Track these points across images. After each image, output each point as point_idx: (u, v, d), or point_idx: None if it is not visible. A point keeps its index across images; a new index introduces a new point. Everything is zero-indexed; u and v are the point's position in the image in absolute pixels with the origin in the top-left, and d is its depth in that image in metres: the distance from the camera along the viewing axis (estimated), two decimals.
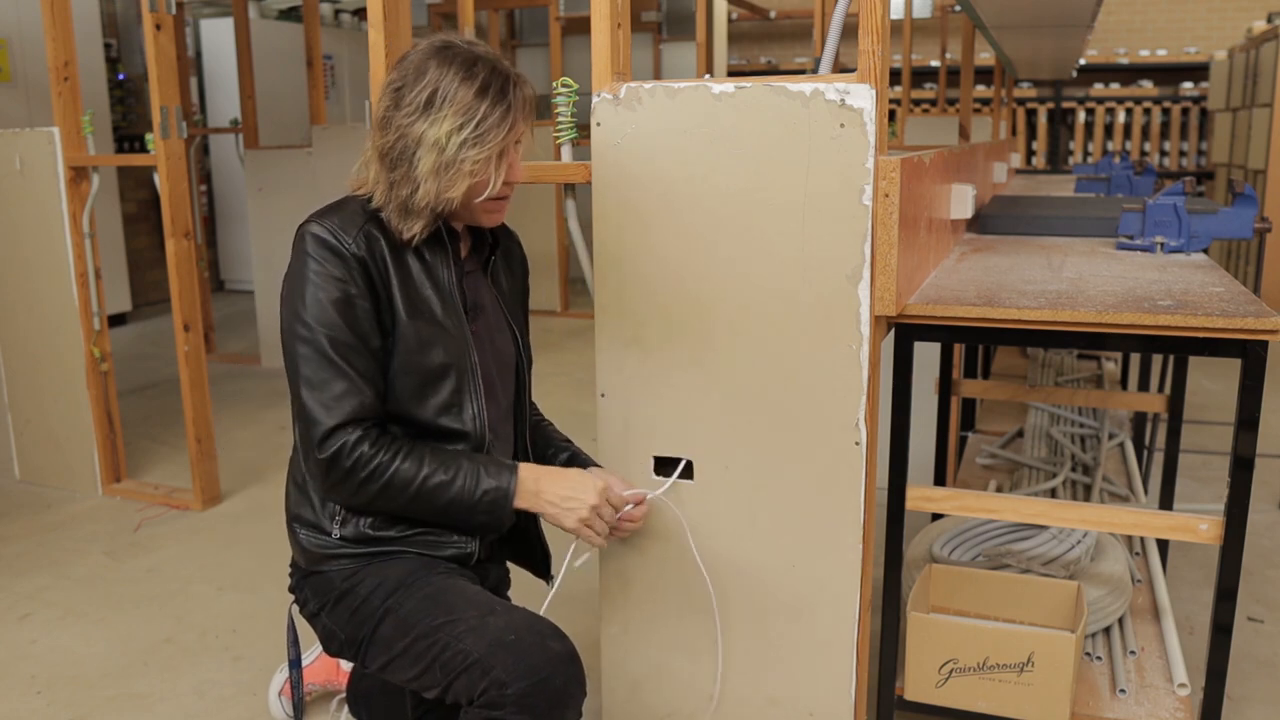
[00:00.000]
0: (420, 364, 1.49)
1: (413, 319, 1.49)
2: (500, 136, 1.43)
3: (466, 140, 1.41)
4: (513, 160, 1.49)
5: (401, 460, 1.43)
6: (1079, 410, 3.36)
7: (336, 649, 1.57)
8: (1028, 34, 3.58)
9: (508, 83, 1.45)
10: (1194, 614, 2.54)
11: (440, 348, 1.51)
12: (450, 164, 1.42)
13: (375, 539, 1.53)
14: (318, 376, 1.42)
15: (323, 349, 1.42)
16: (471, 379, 1.54)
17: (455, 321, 1.53)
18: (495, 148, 1.43)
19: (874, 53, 1.44)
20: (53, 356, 3.44)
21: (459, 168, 1.42)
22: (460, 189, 1.44)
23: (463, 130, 1.41)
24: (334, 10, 8.01)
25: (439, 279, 1.53)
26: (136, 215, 7.07)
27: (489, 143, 1.42)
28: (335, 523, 1.53)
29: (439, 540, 1.55)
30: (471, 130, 1.41)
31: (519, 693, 1.35)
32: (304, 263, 1.44)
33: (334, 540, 1.54)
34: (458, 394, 1.53)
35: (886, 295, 1.49)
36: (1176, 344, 1.51)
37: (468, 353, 1.54)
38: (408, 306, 1.49)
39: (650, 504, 1.64)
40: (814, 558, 1.60)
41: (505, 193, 1.52)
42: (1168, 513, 1.58)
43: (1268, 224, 2.20)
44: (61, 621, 2.59)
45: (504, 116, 1.43)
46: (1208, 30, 8.14)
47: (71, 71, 3.25)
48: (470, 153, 1.42)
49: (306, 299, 1.43)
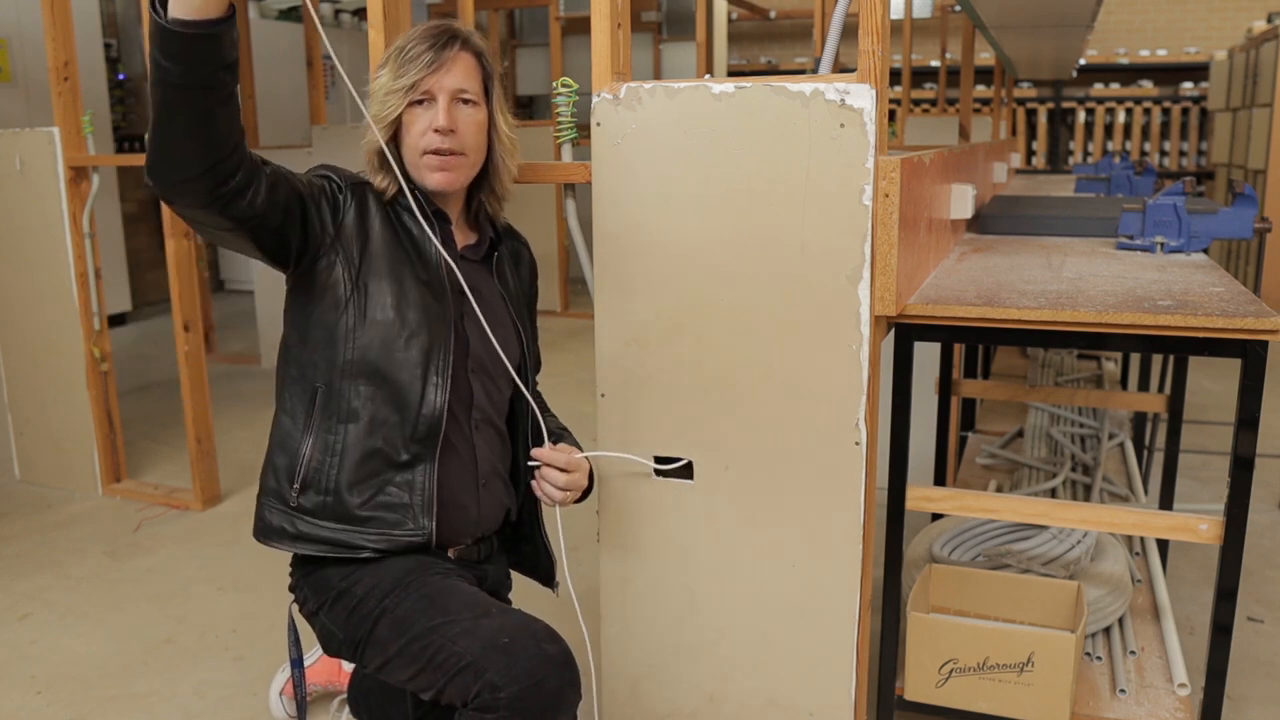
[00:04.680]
0: (394, 320, 1.51)
1: (394, 279, 1.52)
2: (417, 70, 1.48)
3: (389, 74, 1.49)
4: (446, 109, 1.50)
5: None
6: (1079, 410, 3.36)
7: (335, 648, 1.57)
8: (1028, 34, 3.58)
9: (451, 35, 1.51)
10: (1194, 614, 2.54)
11: (417, 309, 1.52)
12: (380, 101, 1.50)
13: (335, 512, 1.52)
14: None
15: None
16: (442, 349, 1.54)
17: (435, 293, 1.55)
18: (410, 79, 1.48)
19: (874, 53, 1.44)
20: (53, 356, 3.44)
21: (383, 102, 1.50)
22: (382, 123, 1.50)
23: (389, 65, 1.50)
24: (334, 10, 8.01)
25: (423, 247, 1.56)
26: (136, 215, 7.08)
27: (405, 75, 1.48)
28: (294, 490, 1.53)
29: (398, 522, 1.53)
30: (395, 64, 1.49)
31: (512, 696, 1.35)
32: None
33: (292, 509, 1.53)
34: (425, 356, 1.53)
35: (886, 295, 1.49)
36: (1176, 344, 1.51)
37: (445, 323, 1.54)
38: (390, 265, 1.53)
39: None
40: (814, 557, 1.60)
41: (437, 143, 1.51)
42: (1168, 513, 1.58)
43: (1268, 224, 2.20)
44: (61, 621, 2.59)
45: (427, 53, 1.49)
46: (1208, 30, 8.14)
47: (71, 71, 3.25)
48: (389, 83, 1.49)
49: None
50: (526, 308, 1.73)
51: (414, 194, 1.55)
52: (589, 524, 1.81)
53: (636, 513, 1.70)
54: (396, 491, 1.53)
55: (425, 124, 1.50)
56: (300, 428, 1.55)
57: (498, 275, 1.66)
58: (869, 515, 1.58)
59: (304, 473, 1.53)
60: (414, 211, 1.54)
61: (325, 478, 1.52)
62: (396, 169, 1.51)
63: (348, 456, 1.52)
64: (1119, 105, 8.25)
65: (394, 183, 1.53)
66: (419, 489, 1.54)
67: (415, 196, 1.55)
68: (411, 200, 1.53)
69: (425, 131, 1.50)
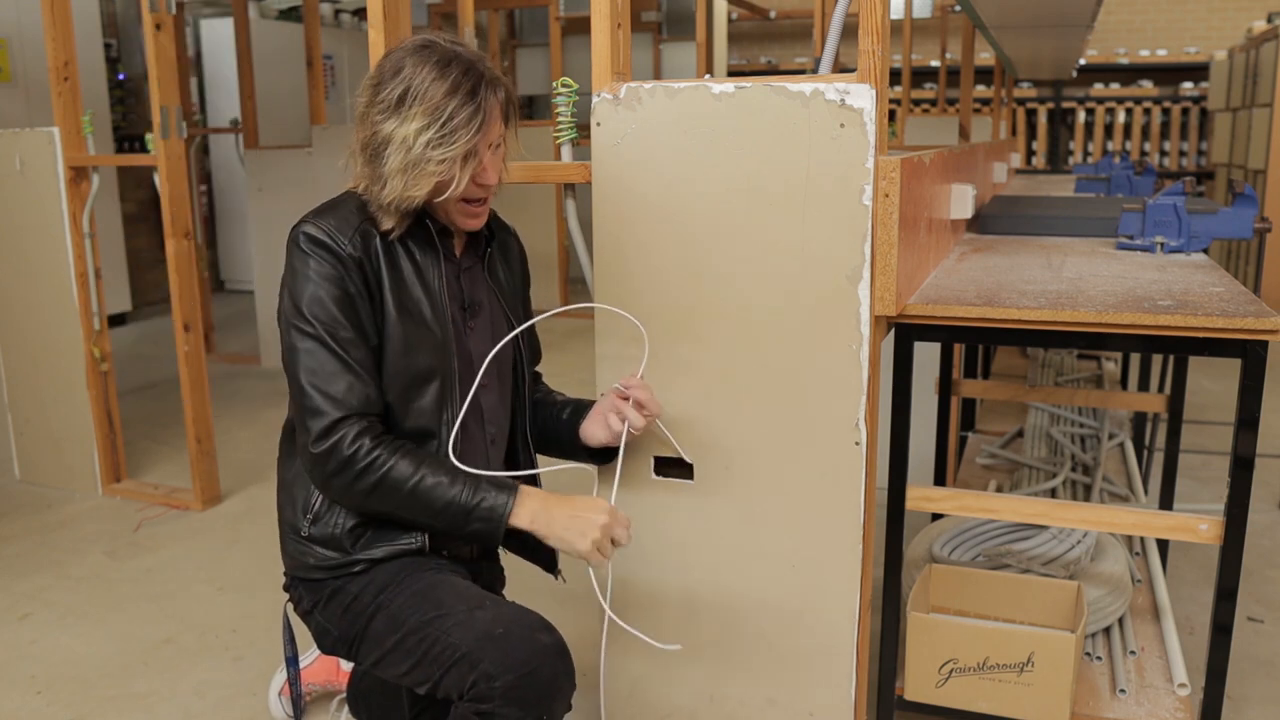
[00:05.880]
0: (407, 366, 1.49)
1: (402, 320, 1.49)
2: (468, 137, 1.41)
3: (432, 140, 1.40)
4: (487, 162, 1.47)
5: (401, 456, 1.43)
6: (1079, 410, 3.36)
7: (330, 646, 1.57)
8: (1028, 34, 3.58)
9: (481, 82, 1.43)
10: (1194, 614, 2.54)
11: (426, 350, 1.51)
12: (416, 163, 1.41)
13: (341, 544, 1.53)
14: (323, 369, 1.42)
15: (326, 342, 1.42)
16: (449, 384, 1.53)
17: (441, 325, 1.53)
18: (462, 148, 1.41)
19: (874, 53, 1.44)
20: (53, 356, 3.44)
21: (423, 168, 1.41)
22: (424, 188, 1.43)
23: (429, 129, 1.40)
24: (334, 10, 8.01)
25: (429, 281, 1.53)
26: (136, 215, 7.07)
27: (455, 143, 1.41)
28: (307, 521, 1.53)
29: (396, 537, 1.53)
30: (438, 130, 1.40)
31: (507, 685, 1.35)
32: (303, 262, 1.45)
33: (304, 538, 1.54)
34: (439, 399, 1.52)
35: (886, 295, 1.49)
36: (1176, 344, 1.51)
37: (449, 358, 1.53)
38: (398, 307, 1.49)
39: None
40: (814, 558, 1.60)
41: (479, 194, 1.50)
42: (1168, 513, 1.58)
43: (1268, 224, 2.20)
44: (61, 621, 2.59)
45: (472, 116, 1.41)
46: (1208, 30, 8.14)
47: (71, 71, 3.25)
48: (435, 153, 1.40)
49: (307, 296, 1.43)
50: (519, 299, 1.73)
51: (425, 222, 1.53)
52: None
53: (636, 513, 1.70)
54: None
55: (468, 178, 1.46)
56: None
57: (490, 273, 1.66)
58: (869, 515, 1.58)
59: (316, 507, 1.54)
60: (416, 235, 1.53)
61: (337, 512, 1.53)
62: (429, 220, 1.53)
63: None
64: (1119, 105, 8.25)
65: (402, 224, 1.49)
66: None
67: (442, 241, 1.54)
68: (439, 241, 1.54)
69: (468, 185, 1.47)
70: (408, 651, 1.45)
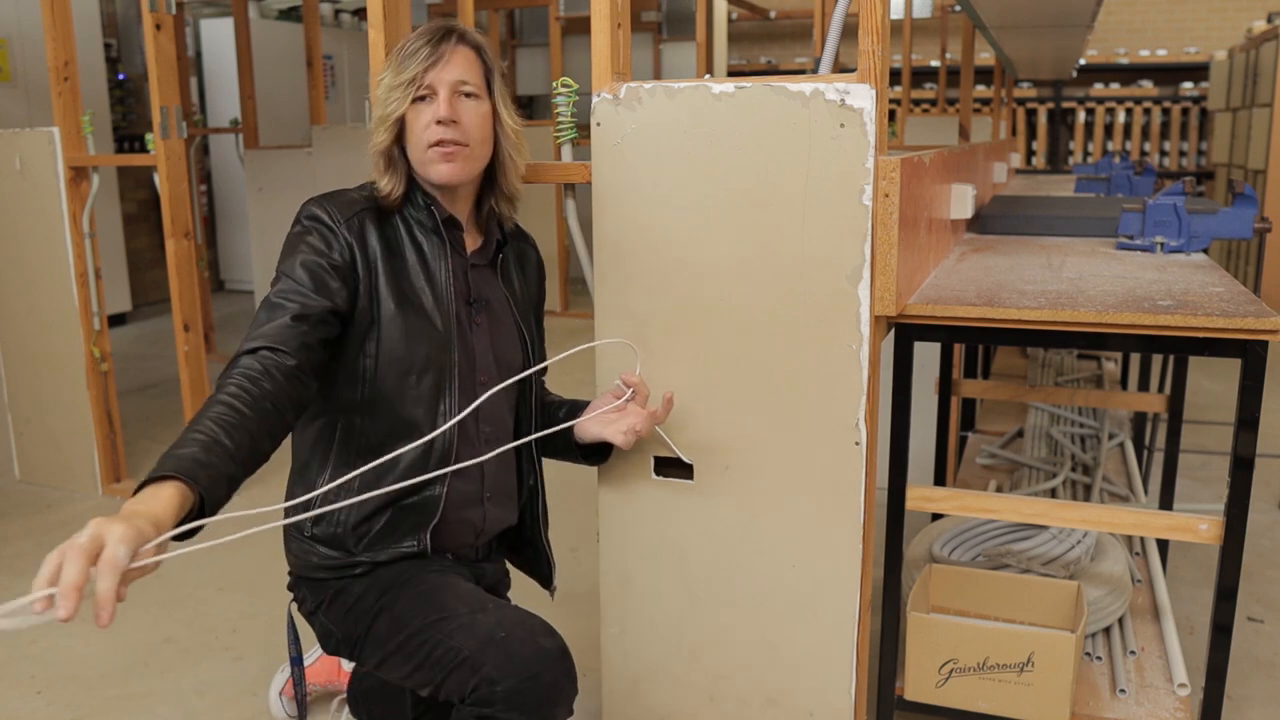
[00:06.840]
0: (405, 356, 1.49)
1: (401, 308, 1.49)
2: (415, 65, 1.47)
3: (388, 78, 1.49)
4: (447, 100, 1.47)
5: (219, 389, 1.30)
6: (1079, 410, 3.36)
7: (333, 647, 1.57)
8: (1028, 34, 3.58)
9: (450, 31, 1.50)
10: (1194, 614, 2.54)
11: (425, 340, 1.51)
12: (382, 101, 1.49)
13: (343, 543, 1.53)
14: (264, 314, 1.40)
15: (283, 293, 1.42)
16: (448, 377, 1.53)
17: (443, 316, 1.53)
18: (409, 74, 1.46)
19: (874, 53, 1.44)
20: (53, 356, 3.44)
21: (385, 106, 1.49)
22: (387, 123, 1.49)
23: (389, 70, 1.49)
24: (334, 10, 8.01)
25: (433, 271, 1.53)
26: (136, 215, 7.07)
27: (404, 71, 1.47)
28: (310, 519, 1.54)
29: (397, 540, 1.54)
30: (395, 66, 1.48)
31: (509, 690, 1.35)
32: (299, 234, 1.48)
33: (308, 537, 1.54)
34: (436, 390, 1.52)
35: (886, 295, 1.49)
36: (1176, 344, 1.51)
37: (449, 351, 1.53)
38: (396, 294, 1.49)
39: None
40: (814, 558, 1.60)
41: (439, 134, 1.48)
42: (1168, 513, 1.58)
43: (1268, 224, 2.20)
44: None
45: (426, 50, 1.47)
46: (1208, 30, 8.14)
47: (71, 71, 3.24)
48: (389, 80, 1.48)
49: (291, 261, 1.45)
50: (532, 311, 1.72)
51: (430, 209, 1.54)
52: (589, 524, 1.81)
53: (636, 513, 1.70)
54: (403, 515, 1.54)
55: (428, 118, 1.47)
56: (319, 462, 1.55)
57: (503, 277, 1.65)
58: (869, 515, 1.58)
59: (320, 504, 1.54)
60: (424, 224, 1.54)
61: (340, 510, 1.53)
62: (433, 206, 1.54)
63: (362, 490, 1.52)
64: (1119, 105, 8.25)
65: (401, 183, 1.52)
66: (426, 510, 1.54)
67: (431, 211, 1.54)
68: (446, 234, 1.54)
69: (428, 124, 1.47)
70: (410, 654, 1.45)
